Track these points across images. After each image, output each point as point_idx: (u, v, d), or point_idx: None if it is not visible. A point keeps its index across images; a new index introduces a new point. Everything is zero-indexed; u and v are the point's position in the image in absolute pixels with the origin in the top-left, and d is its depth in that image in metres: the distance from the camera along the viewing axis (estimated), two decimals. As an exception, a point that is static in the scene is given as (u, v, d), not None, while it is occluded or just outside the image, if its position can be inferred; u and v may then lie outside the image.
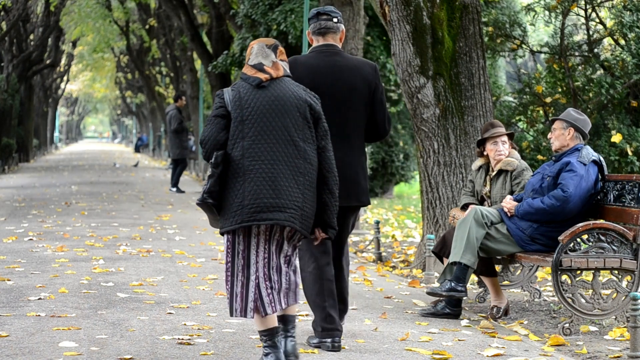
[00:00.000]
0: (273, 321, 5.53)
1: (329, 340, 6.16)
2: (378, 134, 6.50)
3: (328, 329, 6.17)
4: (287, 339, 5.72)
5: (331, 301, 6.20)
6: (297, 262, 5.78)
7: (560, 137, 7.57)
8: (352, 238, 14.03)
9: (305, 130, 5.64)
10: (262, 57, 5.72)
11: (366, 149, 18.97)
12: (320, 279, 6.22)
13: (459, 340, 6.63)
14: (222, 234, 5.55)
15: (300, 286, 5.84)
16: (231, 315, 5.54)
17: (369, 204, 6.54)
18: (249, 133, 5.54)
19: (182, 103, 23.26)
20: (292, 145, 5.57)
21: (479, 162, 8.29)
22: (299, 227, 5.52)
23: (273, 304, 5.51)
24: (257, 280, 5.50)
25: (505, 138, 8.12)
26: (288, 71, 5.78)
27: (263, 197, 5.45)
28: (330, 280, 6.24)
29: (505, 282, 8.47)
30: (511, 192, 7.92)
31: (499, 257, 7.77)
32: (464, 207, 8.14)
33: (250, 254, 5.54)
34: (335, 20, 6.41)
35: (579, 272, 7.04)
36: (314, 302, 6.25)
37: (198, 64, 38.16)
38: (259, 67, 5.68)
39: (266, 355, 5.51)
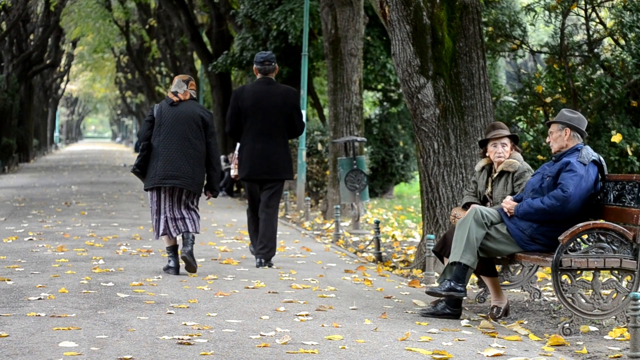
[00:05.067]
0: (174, 242, 9.55)
1: (258, 258, 10.18)
2: (297, 132, 10.39)
3: (258, 251, 10.21)
4: (187, 246, 9.30)
5: (258, 235, 10.26)
6: (196, 208, 9.53)
7: (558, 139, 7.56)
8: (352, 238, 14.04)
9: (197, 132, 9.45)
10: (178, 87, 9.55)
11: (366, 149, 19.02)
12: (252, 223, 10.42)
13: (459, 340, 6.62)
14: (146, 190, 9.50)
15: (198, 221, 9.61)
16: (156, 238, 9.59)
17: (292, 178, 10.67)
18: (163, 133, 9.42)
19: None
20: (187, 141, 9.40)
21: (481, 162, 8.28)
22: (191, 188, 9.38)
23: (176, 231, 9.45)
24: (165, 218, 9.47)
25: (506, 140, 8.11)
26: (194, 96, 9.58)
27: (167, 170, 9.34)
28: (257, 224, 10.33)
29: (505, 282, 8.46)
30: (513, 194, 7.91)
31: (499, 257, 7.76)
32: (466, 207, 8.13)
33: (160, 203, 9.49)
34: (273, 64, 10.31)
35: (579, 272, 7.03)
36: (252, 236, 10.48)
37: (198, 64, 38.15)
38: (175, 93, 9.52)
39: (169, 261, 9.54)
